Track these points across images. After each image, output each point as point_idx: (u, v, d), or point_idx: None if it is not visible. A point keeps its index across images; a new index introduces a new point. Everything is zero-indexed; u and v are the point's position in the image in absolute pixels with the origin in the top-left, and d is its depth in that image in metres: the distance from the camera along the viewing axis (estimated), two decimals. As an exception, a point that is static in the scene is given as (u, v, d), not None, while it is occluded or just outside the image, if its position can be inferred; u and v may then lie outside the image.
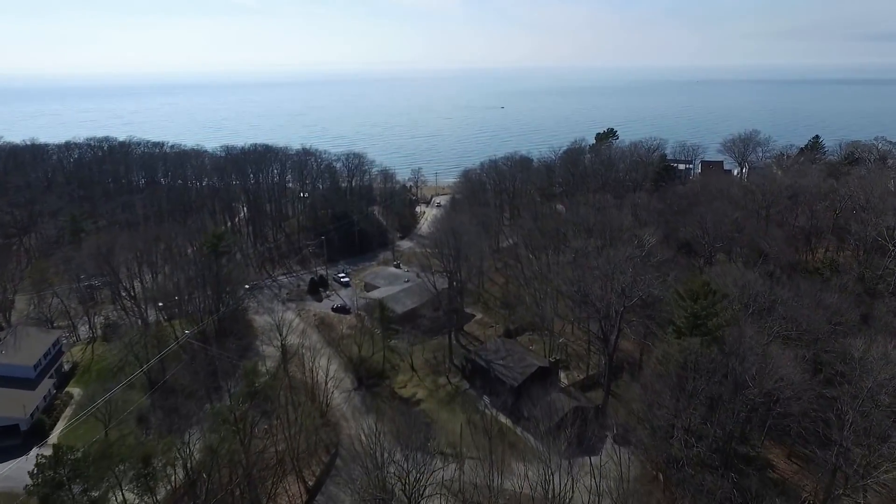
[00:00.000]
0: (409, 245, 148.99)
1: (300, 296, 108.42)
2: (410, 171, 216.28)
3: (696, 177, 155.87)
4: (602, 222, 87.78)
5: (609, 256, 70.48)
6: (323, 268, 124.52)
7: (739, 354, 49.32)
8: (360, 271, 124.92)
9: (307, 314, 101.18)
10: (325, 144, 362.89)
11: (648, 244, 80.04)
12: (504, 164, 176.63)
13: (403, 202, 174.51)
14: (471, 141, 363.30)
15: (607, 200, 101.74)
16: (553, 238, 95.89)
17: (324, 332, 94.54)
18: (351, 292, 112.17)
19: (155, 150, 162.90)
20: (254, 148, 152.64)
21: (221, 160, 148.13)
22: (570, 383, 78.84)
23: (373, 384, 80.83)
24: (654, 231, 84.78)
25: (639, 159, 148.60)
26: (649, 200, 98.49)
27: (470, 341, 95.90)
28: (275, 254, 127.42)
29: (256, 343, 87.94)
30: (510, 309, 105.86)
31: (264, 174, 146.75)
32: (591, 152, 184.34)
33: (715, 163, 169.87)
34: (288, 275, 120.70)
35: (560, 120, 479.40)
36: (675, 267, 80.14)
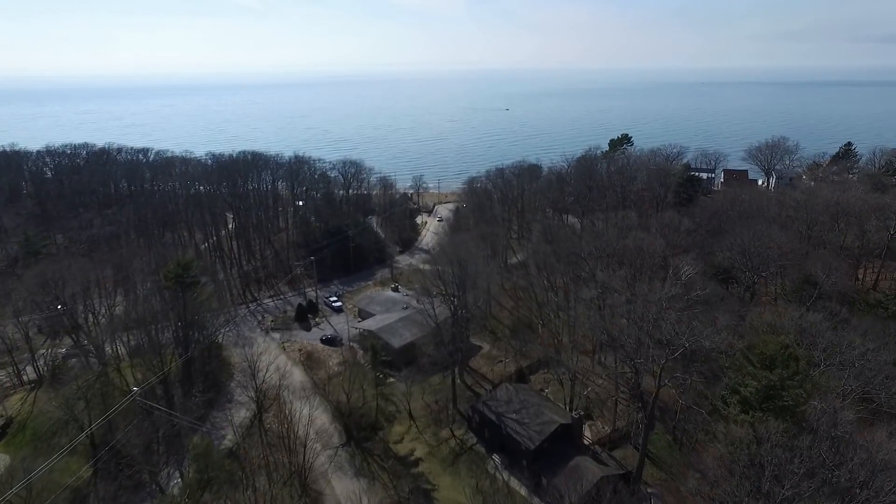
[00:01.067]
0: (410, 261, 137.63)
1: (286, 324, 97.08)
2: (412, 178, 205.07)
3: (721, 188, 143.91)
4: (629, 248, 75.96)
5: (645, 296, 58.82)
6: (314, 289, 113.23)
7: (833, 443, 37.84)
8: (354, 293, 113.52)
9: (293, 346, 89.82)
10: (325, 148, 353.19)
11: (686, 275, 68.32)
12: (511, 172, 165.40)
13: (404, 213, 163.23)
14: (475, 145, 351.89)
15: (630, 218, 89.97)
16: (571, 263, 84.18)
17: (310, 370, 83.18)
18: (343, 319, 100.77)
19: (139, 157, 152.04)
20: (242, 155, 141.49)
21: (207, 168, 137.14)
22: (594, 439, 67.30)
23: (364, 437, 69.37)
24: (692, 260, 73.01)
25: (658, 168, 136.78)
26: (679, 220, 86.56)
27: (476, 380, 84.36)
28: (261, 273, 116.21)
29: (231, 386, 76.64)
30: (521, 340, 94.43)
31: (253, 184, 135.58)
32: (605, 159, 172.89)
33: (739, 172, 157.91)
34: (275, 297, 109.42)
35: (566, 123, 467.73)
36: (719, 303, 68.31)
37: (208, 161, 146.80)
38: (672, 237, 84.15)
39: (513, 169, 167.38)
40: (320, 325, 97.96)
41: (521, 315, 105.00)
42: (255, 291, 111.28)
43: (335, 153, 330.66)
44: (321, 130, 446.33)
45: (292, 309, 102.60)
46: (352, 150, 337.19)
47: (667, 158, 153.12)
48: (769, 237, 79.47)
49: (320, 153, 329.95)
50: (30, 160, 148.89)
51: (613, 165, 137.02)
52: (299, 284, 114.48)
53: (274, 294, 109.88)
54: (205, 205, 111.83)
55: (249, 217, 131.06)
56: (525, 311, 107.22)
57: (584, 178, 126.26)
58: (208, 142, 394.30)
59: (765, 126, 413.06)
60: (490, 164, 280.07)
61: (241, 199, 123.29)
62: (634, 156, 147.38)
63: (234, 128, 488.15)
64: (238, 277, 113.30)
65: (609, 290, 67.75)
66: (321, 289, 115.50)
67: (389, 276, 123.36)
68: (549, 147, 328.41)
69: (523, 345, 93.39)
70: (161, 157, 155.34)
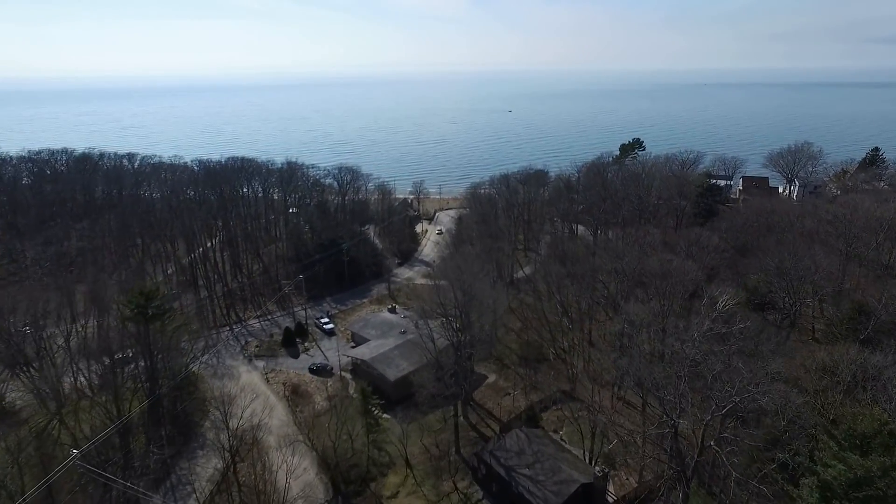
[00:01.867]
0: (409, 274, 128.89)
1: (272, 350, 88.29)
2: (412, 183, 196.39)
3: (740, 196, 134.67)
4: (655, 270, 66.90)
5: (680, 334, 49.87)
6: (305, 307, 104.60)
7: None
8: (348, 313, 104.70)
9: (277, 377, 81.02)
10: (325, 151, 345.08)
11: (724, 305, 59.38)
12: (517, 178, 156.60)
13: (403, 221, 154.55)
14: (478, 147, 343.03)
15: (652, 235, 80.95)
16: (587, 286, 75.21)
17: (296, 406, 74.39)
18: (335, 343, 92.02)
19: (123, 163, 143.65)
20: (231, 162, 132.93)
21: (195, 175, 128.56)
22: (618, 495, 58.37)
23: (354, 491, 60.54)
24: (728, 285, 64.00)
25: (674, 175, 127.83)
26: (708, 237, 77.44)
27: (481, 418, 75.43)
28: (247, 291, 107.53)
29: (205, 427, 67.88)
30: (531, 368, 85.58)
31: (244, 191, 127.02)
32: (615, 164, 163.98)
33: (759, 179, 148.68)
34: (262, 318, 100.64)
35: (569, 125, 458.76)
36: (757, 336, 59.23)
37: (194, 167, 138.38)
38: (701, 257, 75.10)
39: (518, 175, 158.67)
40: (309, 351, 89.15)
41: (530, 338, 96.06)
42: (241, 311, 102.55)
43: (335, 157, 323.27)
44: (321, 133, 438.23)
45: (280, 331, 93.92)
46: (352, 154, 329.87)
47: (682, 164, 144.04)
48: (810, 257, 70.35)
49: (320, 156, 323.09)
50: (9, 166, 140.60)
51: (626, 173, 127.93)
52: (289, 303, 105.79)
53: (261, 314, 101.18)
54: (187, 215, 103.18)
55: (238, 228, 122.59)
56: (534, 333, 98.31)
57: (597, 187, 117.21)
58: (205, 145, 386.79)
59: (774, 128, 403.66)
60: (494, 167, 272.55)
61: (228, 208, 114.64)
62: (649, 162, 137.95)
63: (233, 130, 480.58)
64: (222, 295, 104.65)
65: (635, 324, 58.72)
66: (312, 307, 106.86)
67: (387, 293, 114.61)
68: (554, 150, 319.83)
69: (533, 374, 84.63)
70: (147, 163, 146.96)
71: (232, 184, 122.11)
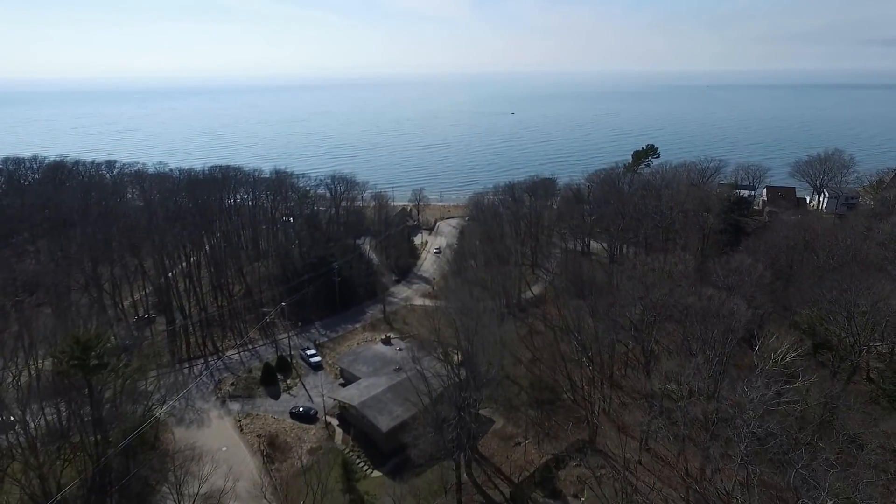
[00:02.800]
0: (407, 293, 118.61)
1: (249, 388, 77.95)
2: (412, 191, 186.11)
3: (764, 208, 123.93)
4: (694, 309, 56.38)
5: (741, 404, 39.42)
6: (290, 334, 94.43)
7: None
8: (338, 341, 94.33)
9: (253, 424, 70.67)
10: (325, 155, 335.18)
11: (783, 355, 48.92)
12: (523, 188, 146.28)
13: (401, 234, 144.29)
14: (481, 151, 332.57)
15: (686, 262, 70.28)
16: (610, 320, 64.71)
17: (272, 462, 64.06)
18: (322, 378, 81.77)
19: (102, 172, 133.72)
20: (214, 171, 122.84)
21: (175, 185, 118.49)
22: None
23: (334, 580, 50.22)
24: (786, 333, 53.50)
25: (695, 186, 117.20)
26: (752, 267, 66.76)
27: (488, 476, 64.98)
28: (227, 317, 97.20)
29: (163, 492, 57.57)
30: (544, 410, 75.29)
31: (226, 204, 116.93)
32: (628, 172, 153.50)
33: (784, 189, 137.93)
34: (242, 348, 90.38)
35: (574, 128, 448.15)
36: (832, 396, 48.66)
37: (177, 176, 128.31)
38: (742, 288, 64.51)
39: (524, 185, 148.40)
40: (292, 390, 78.82)
41: (541, 372, 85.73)
42: (219, 339, 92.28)
43: (334, 161, 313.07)
44: (321, 136, 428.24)
45: (261, 364, 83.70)
46: (352, 158, 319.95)
47: (702, 173, 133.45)
48: (877, 292, 59.67)
49: (318, 161, 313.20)
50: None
51: (643, 184, 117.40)
52: (273, 329, 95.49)
53: (242, 343, 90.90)
54: (161, 231, 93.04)
55: (220, 244, 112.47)
56: (546, 367, 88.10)
57: (612, 200, 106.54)
58: (201, 148, 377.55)
59: (784, 131, 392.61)
60: (498, 173, 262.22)
61: (209, 223, 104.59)
62: (668, 173, 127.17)
63: (231, 133, 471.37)
64: (199, 322, 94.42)
65: (677, 380, 48.24)
66: (299, 333, 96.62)
67: (382, 316, 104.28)
68: (560, 155, 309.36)
69: (546, 418, 74.30)
70: (126, 171, 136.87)
71: (215, 195, 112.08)
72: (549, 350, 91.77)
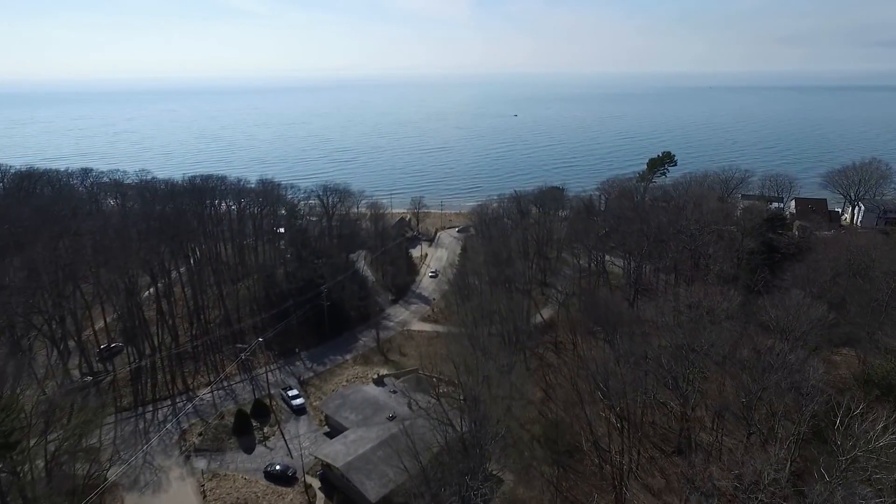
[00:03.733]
0: (404, 315, 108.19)
1: (219, 440, 67.47)
2: (411, 199, 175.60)
3: (793, 221, 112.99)
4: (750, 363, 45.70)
5: None
6: (270, 367, 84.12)
7: None
8: (325, 377, 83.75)
9: (220, 487, 60.20)
10: (323, 159, 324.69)
11: (874, 438, 38.33)
12: (530, 199, 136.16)
13: (399, 248, 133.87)
14: (484, 155, 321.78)
15: (729, 295, 59.50)
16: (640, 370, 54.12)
17: (238, 540, 53.64)
18: (305, 426, 71.37)
19: (75, 183, 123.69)
20: (192, 182, 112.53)
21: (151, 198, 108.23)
22: None
23: None
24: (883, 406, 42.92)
25: (720, 199, 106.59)
26: (809, 305, 56.02)
27: (497, 558, 54.52)
28: (200, 349, 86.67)
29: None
30: (561, 466, 64.76)
31: (206, 217, 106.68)
32: (643, 181, 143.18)
33: (815, 201, 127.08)
34: (216, 386, 79.94)
35: (579, 130, 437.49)
36: None
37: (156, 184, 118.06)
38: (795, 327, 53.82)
39: (531, 195, 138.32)
40: (269, 440, 68.34)
41: (556, 414, 75.20)
42: (191, 374, 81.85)
43: (333, 165, 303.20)
44: (321, 139, 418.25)
45: (236, 406, 73.36)
46: (352, 162, 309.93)
47: (725, 184, 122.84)
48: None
49: (318, 165, 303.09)
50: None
51: (663, 197, 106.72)
52: (252, 362, 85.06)
53: (216, 380, 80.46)
54: (124, 252, 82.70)
55: (199, 263, 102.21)
56: (561, 405, 77.70)
57: (631, 217, 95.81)
58: (197, 152, 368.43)
59: (793, 134, 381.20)
60: (502, 178, 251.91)
61: (184, 240, 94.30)
62: (687, 183, 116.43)
63: (230, 135, 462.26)
64: (169, 354, 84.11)
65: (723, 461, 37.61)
66: (282, 367, 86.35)
67: (375, 345, 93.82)
68: (566, 159, 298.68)
69: (565, 477, 63.79)
70: (105, 180, 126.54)
71: (194, 209, 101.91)
72: (564, 388, 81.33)
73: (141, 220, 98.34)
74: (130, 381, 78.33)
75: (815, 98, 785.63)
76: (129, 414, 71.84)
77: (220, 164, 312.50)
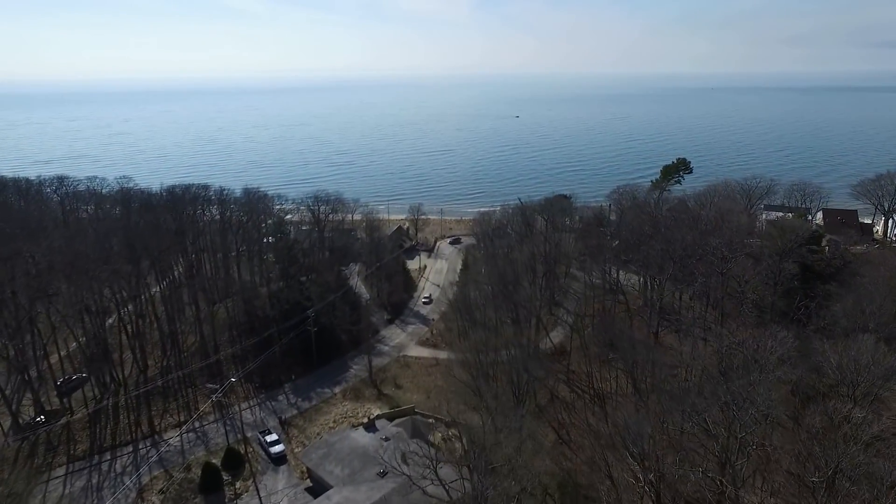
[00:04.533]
0: (400, 338, 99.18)
1: (182, 500, 58.33)
2: (409, 207, 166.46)
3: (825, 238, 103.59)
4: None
5: None
6: (253, 403, 75.14)
7: None
8: (310, 416, 74.58)
9: (179, 563, 51.28)
10: (321, 162, 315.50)
11: None
12: (536, 209, 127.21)
13: (396, 262, 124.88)
14: (487, 158, 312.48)
15: (781, 338, 50.32)
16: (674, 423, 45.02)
17: None
18: (285, 479, 62.30)
19: (47, 192, 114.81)
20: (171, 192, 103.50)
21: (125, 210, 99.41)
22: None
23: None
24: None
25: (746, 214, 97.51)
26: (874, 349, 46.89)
27: None
28: (171, 385, 77.53)
29: None
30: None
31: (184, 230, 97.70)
32: (657, 189, 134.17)
33: (845, 212, 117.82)
34: (187, 427, 70.84)
35: (582, 132, 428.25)
36: None
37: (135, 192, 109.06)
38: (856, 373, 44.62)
39: (537, 205, 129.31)
40: (242, 497, 59.23)
41: (571, 462, 66.19)
42: (159, 414, 72.75)
43: (331, 168, 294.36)
44: (319, 141, 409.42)
45: (206, 454, 64.38)
46: (350, 165, 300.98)
47: (748, 194, 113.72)
48: None
49: (315, 168, 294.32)
50: None
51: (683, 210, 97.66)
52: (230, 396, 75.97)
53: (185, 422, 71.36)
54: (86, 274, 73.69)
55: (177, 281, 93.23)
56: (576, 450, 68.84)
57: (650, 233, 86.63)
58: (193, 154, 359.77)
59: (803, 136, 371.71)
60: (505, 182, 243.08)
61: (159, 256, 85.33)
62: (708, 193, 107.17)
63: (227, 137, 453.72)
64: (135, 389, 75.09)
65: None
66: (262, 402, 77.37)
67: (367, 375, 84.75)
68: (571, 163, 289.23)
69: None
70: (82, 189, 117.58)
71: (171, 223, 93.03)
72: (579, 430, 72.29)
73: (112, 234, 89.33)
74: (89, 422, 69.27)
75: (818, 99, 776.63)
76: (83, 464, 62.84)
77: (215, 167, 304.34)
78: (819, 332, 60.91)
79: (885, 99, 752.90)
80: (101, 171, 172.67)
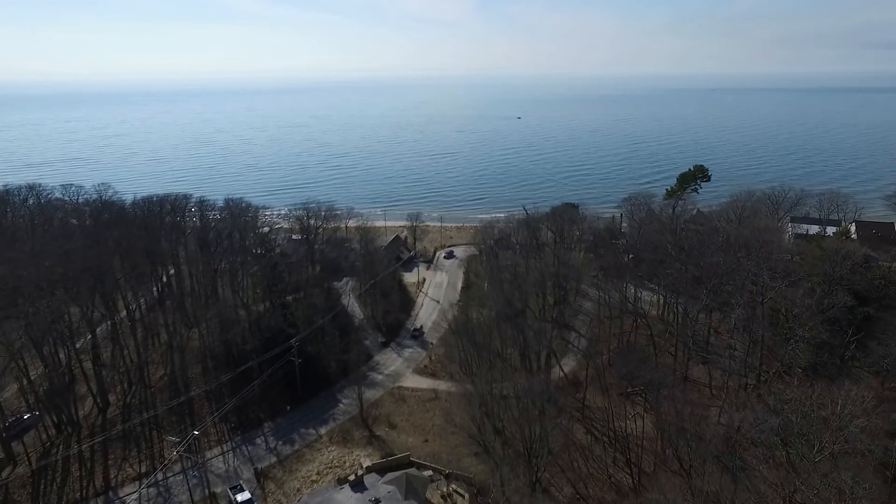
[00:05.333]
0: (396, 365, 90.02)
1: (133, 579, 49.37)
2: (407, 215, 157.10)
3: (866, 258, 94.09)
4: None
5: None
6: (227, 448, 65.99)
7: None
8: (290, 465, 65.35)
9: None
10: (319, 166, 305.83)
11: None
12: (542, 221, 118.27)
13: (392, 277, 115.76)
14: (488, 161, 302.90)
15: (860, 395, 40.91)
16: None
17: None
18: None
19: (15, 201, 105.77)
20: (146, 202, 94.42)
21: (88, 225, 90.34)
22: None
23: None
24: None
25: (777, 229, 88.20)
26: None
27: None
28: (132, 429, 68.37)
29: None
30: None
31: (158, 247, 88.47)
32: (671, 198, 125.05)
33: (880, 225, 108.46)
34: (148, 480, 61.60)
35: (585, 135, 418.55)
36: None
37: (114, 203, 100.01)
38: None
39: (544, 216, 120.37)
40: (204, 576, 50.15)
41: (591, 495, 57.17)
42: (117, 463, 63.61)
43: (329, 172, 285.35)
44: (318, 144, 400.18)
45: (168, 514, 55.25)
46: (349, 168, 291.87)
47: (774, 205, 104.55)
48: None
49: (313, 172, 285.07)
50: None
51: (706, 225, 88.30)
52: (200, 442, 66.76)
53: (146, 473, 62.13)
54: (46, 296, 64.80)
55: (144, 307, 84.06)
56: (595, 485, 60.04)
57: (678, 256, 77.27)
58: (189, 157, 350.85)
59: (811, 138, 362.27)
60: (508, 186, 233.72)
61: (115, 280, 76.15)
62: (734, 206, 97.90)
63: (225, 139, 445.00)
64: (87, 438, 65.83)
65: None
66: (237, 446, 68.17)
67: (358, 412, 75.56)
68: (575, 166, 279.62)
69: None
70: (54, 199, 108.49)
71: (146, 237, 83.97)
72: (599, 483, 63.12)
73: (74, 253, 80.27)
74: (32, 477, 60.08)
75: (819, 99, 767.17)
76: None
77: (210, 171, 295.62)
78: (879, 374, 51.64)
79: (885, 99, 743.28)
80: (92, 176, 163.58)
